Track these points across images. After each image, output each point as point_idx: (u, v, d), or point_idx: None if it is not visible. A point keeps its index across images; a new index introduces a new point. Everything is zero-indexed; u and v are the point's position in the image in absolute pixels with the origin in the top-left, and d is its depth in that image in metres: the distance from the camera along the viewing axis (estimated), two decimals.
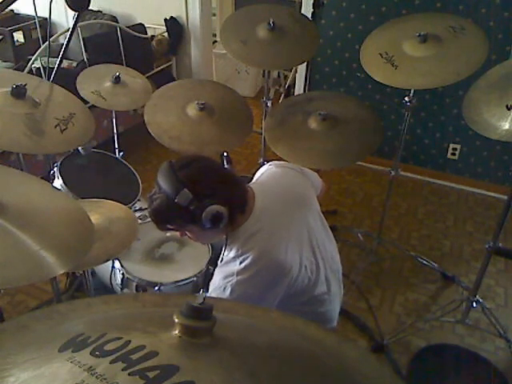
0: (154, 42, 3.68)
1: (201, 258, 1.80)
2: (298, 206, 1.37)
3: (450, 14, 2.23)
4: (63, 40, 3.07)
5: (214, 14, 4.85)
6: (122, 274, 1.76)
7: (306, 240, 1.34)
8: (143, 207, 2.17)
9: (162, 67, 3.78)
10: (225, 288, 1.22)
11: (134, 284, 1.75)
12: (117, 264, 1.79)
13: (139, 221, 1.99)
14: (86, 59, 3.09)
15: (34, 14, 2.43)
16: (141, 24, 3.64)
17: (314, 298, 1.39)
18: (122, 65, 2.98)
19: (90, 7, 1.76)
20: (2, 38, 3.57)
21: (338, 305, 1.52)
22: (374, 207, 3.07)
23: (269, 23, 2.15)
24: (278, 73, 4.56)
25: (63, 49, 1.86)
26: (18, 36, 3.69)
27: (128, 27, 3.45)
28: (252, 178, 1.53)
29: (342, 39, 3.18)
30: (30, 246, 0.99)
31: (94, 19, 3.63)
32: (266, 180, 1.45)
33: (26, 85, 1.61)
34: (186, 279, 1.73)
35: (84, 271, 1.62)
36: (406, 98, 2.20)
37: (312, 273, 1.34)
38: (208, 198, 1.17)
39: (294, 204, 1.37)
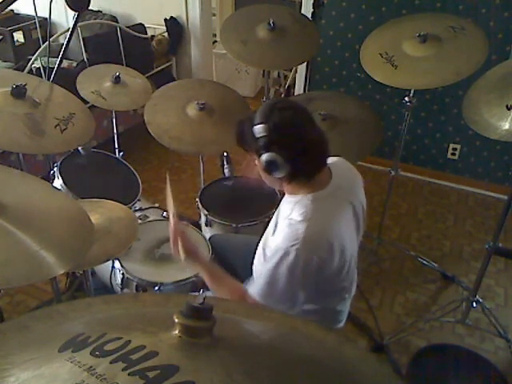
0: (154, 42, 3.68)
1: None
2: (357, 198, 1.42)
3: (450, 14, 2.23)
4: (63, 40, 3.07)
5: (214, 14, 4.84)
6: (122, 273, 1.76)
7: (356, 233, 1.40)
8: (143, 207, 2.17)
9: (162, 67, 3.78)
10: (289, 253, 1.22)
11: (134, 284, 1.74)
12: (117, 264, 1.79)
13: (139, 221, 1.99)
14: (85, 59, 3.09)
15: (34, 14, 2.44)
16: (141, 24, 3.64)
17: (338, 293, 1.44)
18: (122, 65, 2.98)
19: (90, 7, 1.76)
20: (2, 38, 3.57)
21: (348, 307, 1.55)
22: (373, 207, 3.07)
23: (269, 23, 2.15)
24: (278, 73, 4.56)
25: (63, 49, 1.86)
26: (18, 36, 3.69)
27: (128, 27, 3.45)
28: None
29: (341, 39, 3.18)
30: (30, 246, 0.99)
31: (94, 19, 3.63)
32: (341, 164, 1.46)
33: (25, 85, 1.62)
34: (186, 279, 1.73)
35: (84, 271, 1.62)
36: (406, 98, 2.20)
37: (349, 265, 1.37)
38: (276, 145, 1.21)
39: (356, 195, 1.42)
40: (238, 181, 2.26)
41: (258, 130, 1.22)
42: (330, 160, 1.39)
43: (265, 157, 1.23)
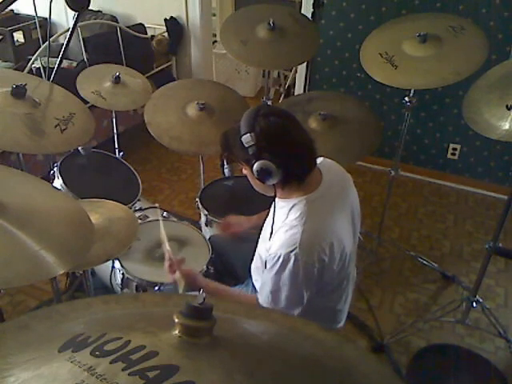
0: (154, 42, 3.68)
1: (201, 258, 1.80)
2: (348, 195, 1.42)
3: (450, 14, 2.23)
4: (63, 40, 3.07)
5: (214, 14, 4.84)
6: (122, 273, 1.76)
7: (352, 229, 1.40)
8: (143, 207, 2.17)
9: (162, 67, 3.78)
10: (289, 259, 1.22)
11: (134, 284, 1.74)
12: (117, 264, 1.79)
13: (139, 221, 1.99)
14: (85, 59, 3.09)
15: (34, 14, 2.43)
16: (141, 24, 3.64)
17: (337, 291, 1.43)
18: (122, 65, 2.98)
19: (90, 7, 1.76)
20: (2, 38, 3.56)
21: (348, 306, 1.55)
22: (373, 207, 3.07)
23: (269, 23, 2.15)
24: (278, 73, 4.56)
25: (63, 49, 1.86)
26: (18, 36, 3.68)
27: (128, 27, 3.45)
28: None
29: (342, 39, 3.18)
30: (30, 246, 0.99)
31: (94, 19, 3.62)
32: (327, 163, 1.46)
33: (26, 85, 1.62)
34: None
35: (84, 271, 1.62)
36: (406, 98, 2.20)
37: (347, 262, 1.37)
38: (267, 152, 1.21)
39: (347, 191, 1.42)
40: (238, 181, 2.26)
41: (246, 139, 1.21)
42: (318, 160, 1.39)
43: (256, 165, 1.22)
